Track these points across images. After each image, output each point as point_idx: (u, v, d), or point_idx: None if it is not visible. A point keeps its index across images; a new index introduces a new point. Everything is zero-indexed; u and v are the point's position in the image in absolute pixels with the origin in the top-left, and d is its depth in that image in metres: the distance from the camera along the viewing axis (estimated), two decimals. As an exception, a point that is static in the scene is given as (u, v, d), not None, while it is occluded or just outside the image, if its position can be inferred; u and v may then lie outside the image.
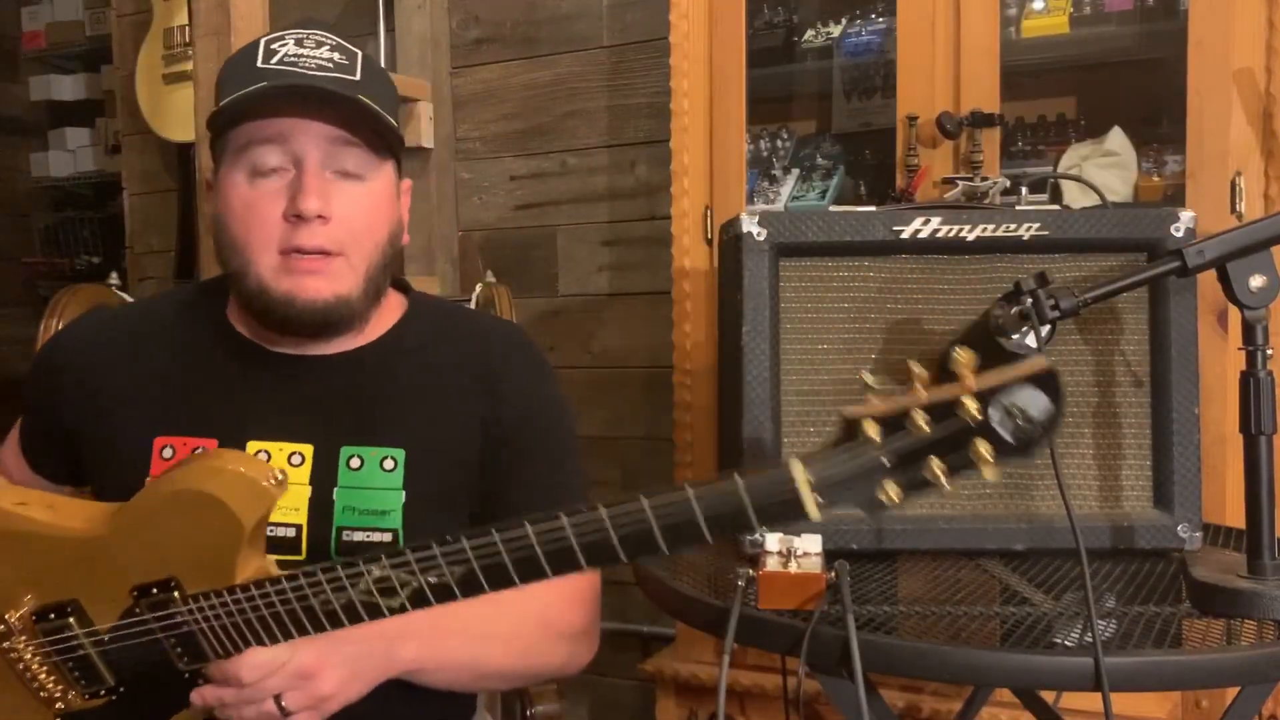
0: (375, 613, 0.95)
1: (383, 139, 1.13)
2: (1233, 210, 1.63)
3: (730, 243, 1.35)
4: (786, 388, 1.30)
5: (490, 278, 1.76)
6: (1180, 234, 1.25)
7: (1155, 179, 1.85)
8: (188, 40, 2.64)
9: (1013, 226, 1.28)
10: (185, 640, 1.01)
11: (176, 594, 1.00)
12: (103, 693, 1.06)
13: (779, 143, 2.21)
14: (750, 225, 1.28)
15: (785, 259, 1.30)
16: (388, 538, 1.12)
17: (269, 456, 1.13)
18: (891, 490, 0.86)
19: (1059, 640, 1.04)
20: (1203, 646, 1.02)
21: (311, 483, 1.13)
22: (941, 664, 0.99)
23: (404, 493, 1.14)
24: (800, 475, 0.86)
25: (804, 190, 2.12)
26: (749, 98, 1.94)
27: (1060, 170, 1.87)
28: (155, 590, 1.01)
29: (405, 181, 1.21)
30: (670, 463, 2.03)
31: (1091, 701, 1.50)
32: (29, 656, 1.05)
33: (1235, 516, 1.32)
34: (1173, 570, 1.23)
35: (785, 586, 1.05)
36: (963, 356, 0.85)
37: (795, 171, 2.16)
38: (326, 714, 1.02)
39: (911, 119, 1.82)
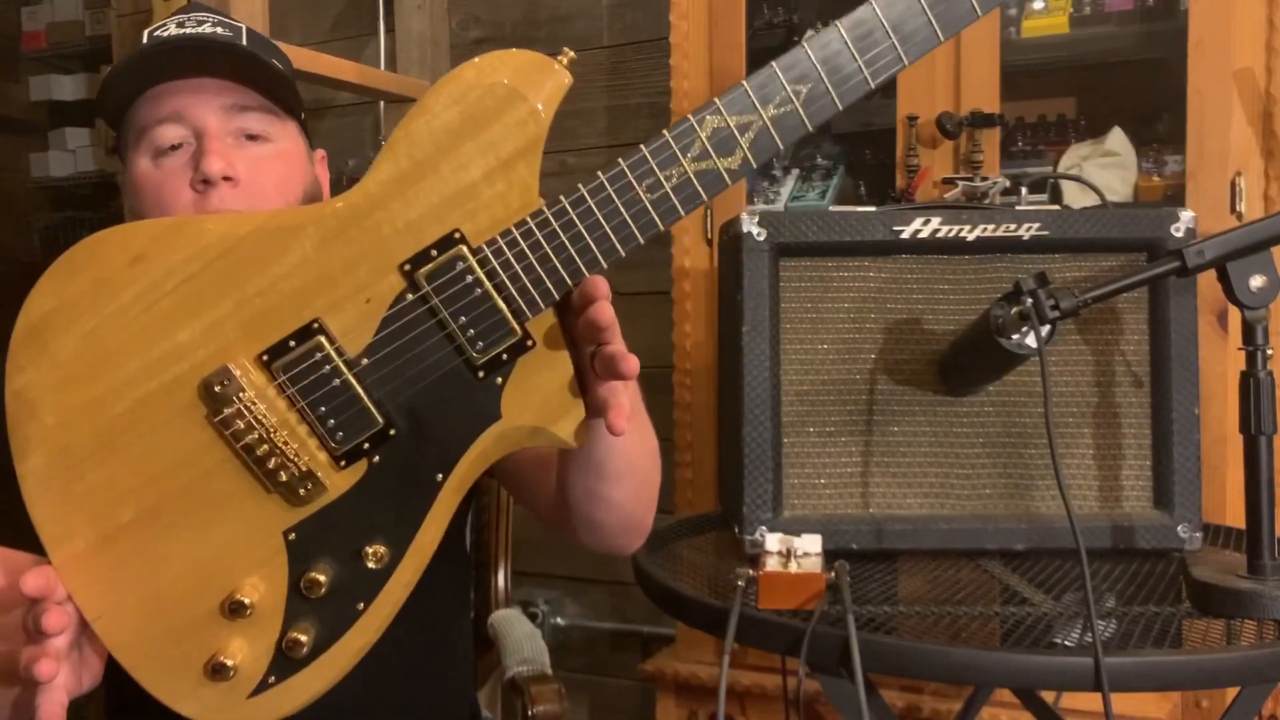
0: (714, 185, 0.80)
1: (279, 96, 1.10)
2: (1233, 210, 1.63)
3: (730, 243, 1.35)
4: (786, 388, 1.30)
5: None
6: (1180, 234, 1.25)
7: (1155, 179, 1.85)
8: (188, 40, 2.64)
9: (1013, 226, 1.28)
10: (478, 313, 0.80)
11: (465, 248, 0.80)
12: (366, 446, 0.82)
13: (779, 143, 2.21)
14: (750, 225, 1.28)
15: (785, 259, 1.30)
16: None
17: None
18: None
19: (1059, 640, 1.04)
20: (1203, 646, 1.02)
21: None
22: (941, 664, 0.99)
23: None
24: None
25: (804, 190, 2.12)
26: (749, 98, 1.94)
27: (1060, 170, 1.87)
28: (434, 252, 0.80)
29: (319, 151, 1.18)
30: (670, 463, 2.03)
31: (1091, 701, 1.51)
32: (262, 420, 0.81)
33: (1235, 516, 1.32)
34: (1173, 570, 1.23)
35: (785, 586, 1.05)
36: None
37: (795, 171, 2.16)
38: None
39: (911, 119, 1.82)
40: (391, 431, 0.82)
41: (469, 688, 1.30)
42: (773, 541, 1.10)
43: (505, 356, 0.82)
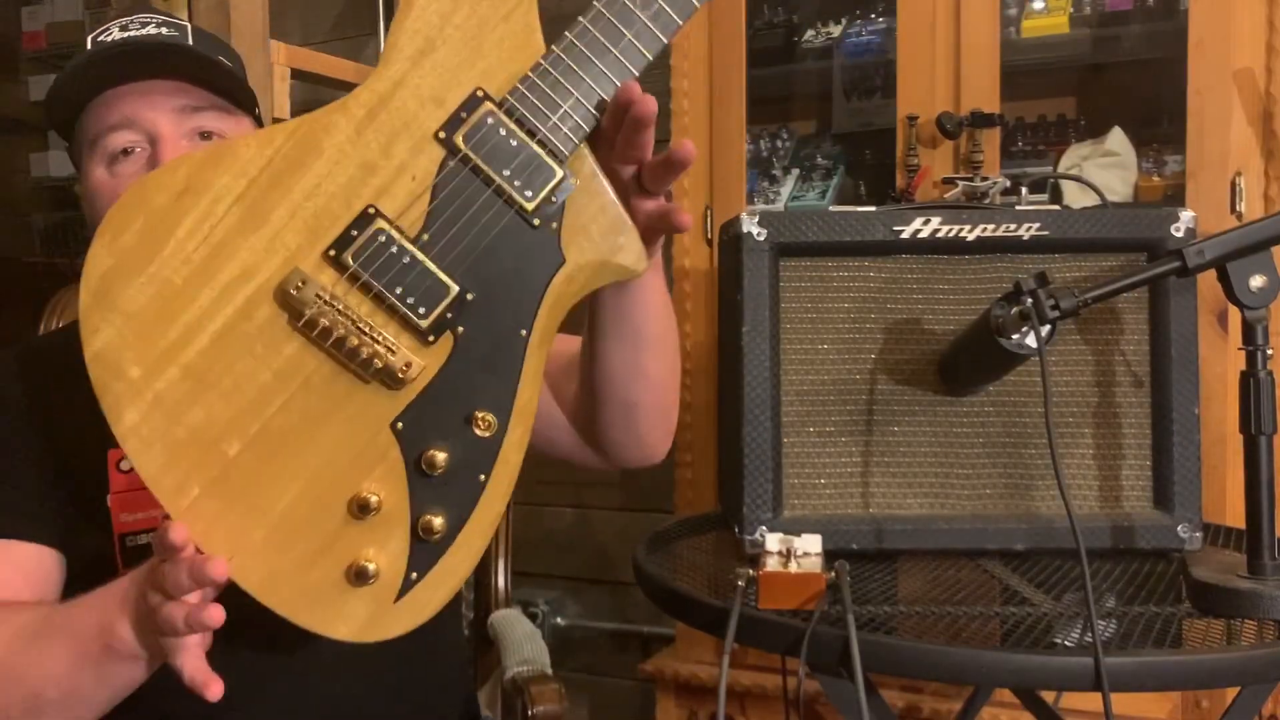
0: None
1: (230, 94, 1.10)
2: (1233, 210, 1.63)
3: (730, 243, 1.35)
4: (786, 388, 1.30)
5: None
6: (1180, 234, 1.25)
7: (1155, 179, 1.85)
8: (188, 40, 2.64)
9: (1013, 226, 1.28)
10: (519, 162, 0.83)
11: (490, 103, 0.83)
12: (449, 316, 0.83)
13: (779, 143, 2.22)
14: (750, 225, 1.28)
15: (785, 259, 1.30)
16: None
17: None
18: None
19: (1059, 640, 1.04)
20: (1203, 647, 1.02)
21: None
22: (941, 664, 0.99)
23: None
24: None
25: (804, 190, 2.12)
26: (749, 98, 1.94)
27: (1060, 170, 1.87)
28: (464, 115, 0.83)
29: None
30: (670, 463, 2.03)
31: (1091, 701, 1.51)
32: (345, 312, 0.81)
33: (1235, 516, 1.32)
34: (1173, 570, 1.23)
35: (785, 586, 1.05)
36: None
37: (795, 171, 2.16)
38: None
39: (911, 119, 1.82)
40: (469, 296, 0.83)
41: (465, 684, 1.30)
42: (773, 541, 1.10)
43: (554, 199, 0.84)
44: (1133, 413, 1.29)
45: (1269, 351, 1.08)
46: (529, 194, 0.83)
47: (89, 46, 1.11)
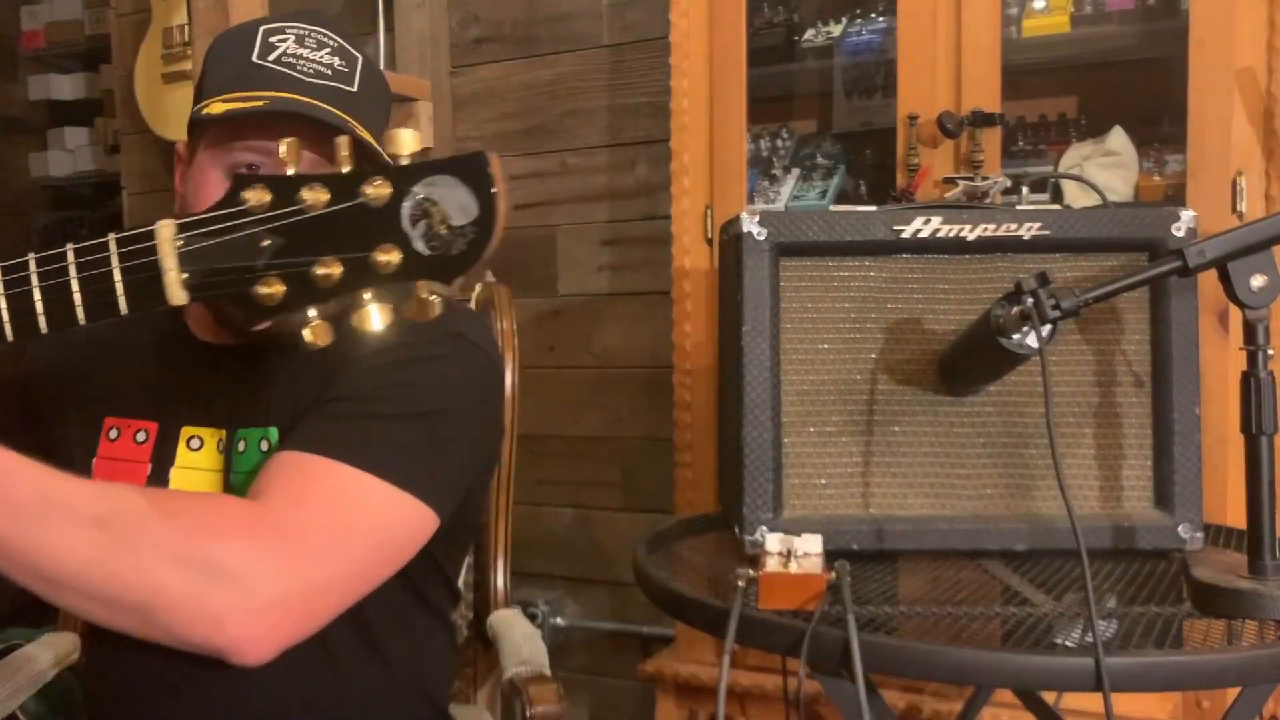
0: None
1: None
2: (1234, 210, 1.62)
3: (730, 242, 1.35)
4: (786, 388, 1.30)
5: (490, 278, 1.75)
6: (1181, 234, 1.25)
7: (1156, 179, 1.85)
8: (187, 40, 2.64)
9: (1013, 226, 1.28)
10: None
11: None
12: None
13: (779, 142, 2.21)
14: (750, 225, 1.28)
15: (785, 259, 1.30)
16: None
17: (202, 443, 1.14)
18: (273, 288, 0.69)
19: (1059, 640, 1.04)
20: (1203, 647, 1.02)
21: (223, 469, 1.13)
22: (942, 664, 0.99)
23: None
24: (168, 236, 0.70)
25: (804, 190, 2.12)
26: (749, 97, 1.94)
27: (1061, 170, 1.87)
28: None
29: None
30: (670, 463, 2.03)
31: (1092, 702, 1.50)
32: None
33: (1236, 517, 1.32)
34: (1173, 570, 1.23)
35: (785, 587, 1.05)
36: (403, 134, 0.69)
37: (795, 171, 2.16)
38: None
39: (912, 118, 1.82)
40: None
41: (428, 691, 1.28)
42: (773, 542, 1.10)
43: None
44: (1133, 413, 1.29)
45: (1270, 351, 1.08)
46: None
47: (257, 43, 1.10)
